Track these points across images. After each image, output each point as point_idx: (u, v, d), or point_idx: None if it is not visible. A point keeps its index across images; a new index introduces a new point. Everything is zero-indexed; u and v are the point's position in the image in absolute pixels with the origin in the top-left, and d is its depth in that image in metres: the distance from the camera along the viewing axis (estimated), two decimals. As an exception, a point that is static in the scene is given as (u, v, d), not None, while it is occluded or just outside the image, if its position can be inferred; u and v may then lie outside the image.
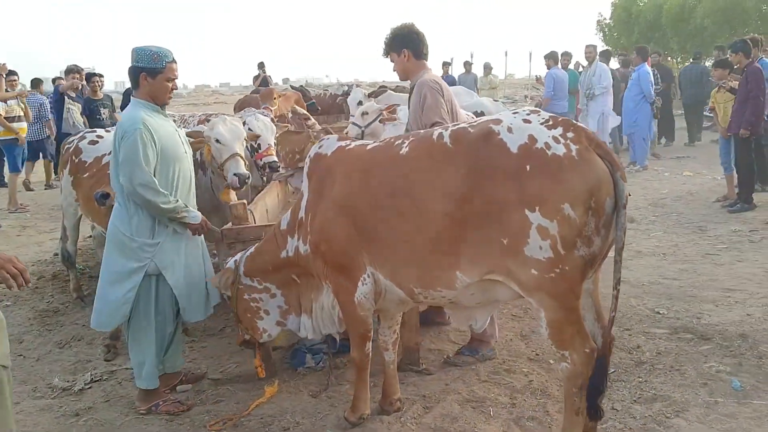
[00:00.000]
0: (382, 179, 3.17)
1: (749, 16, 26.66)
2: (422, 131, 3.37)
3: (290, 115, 6.99)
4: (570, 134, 2.74)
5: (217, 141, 4.70)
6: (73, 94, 10.65)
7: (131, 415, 4.01)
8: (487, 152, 2.83)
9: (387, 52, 4.39)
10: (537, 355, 4.40)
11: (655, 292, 5.52)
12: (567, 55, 12.76)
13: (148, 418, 3.95)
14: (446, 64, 18.66)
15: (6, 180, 11.32)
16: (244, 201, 4.23)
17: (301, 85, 12.71)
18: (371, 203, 3.17)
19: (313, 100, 11.28)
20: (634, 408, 3.65)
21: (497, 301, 3.20)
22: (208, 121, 6.86)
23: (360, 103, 8.42)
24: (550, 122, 2.82)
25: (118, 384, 4.41)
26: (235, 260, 3.88)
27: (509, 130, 2.82)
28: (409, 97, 4.39)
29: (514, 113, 2.96)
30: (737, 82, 8.50)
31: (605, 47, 26.16)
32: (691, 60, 15.52)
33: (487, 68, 17.87)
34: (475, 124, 3.00)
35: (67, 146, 5.96)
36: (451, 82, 17.04)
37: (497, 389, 3.97)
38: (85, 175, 5.61)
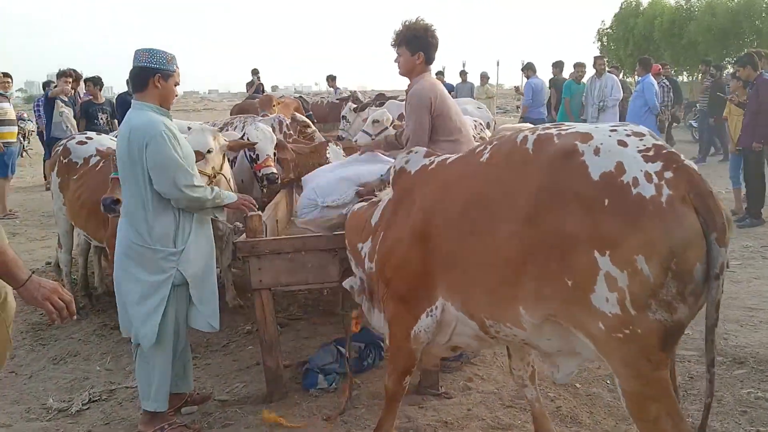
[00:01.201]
0: (460, 194, 2.81)
1: (743, 32, 26.87)
2: (509, 133, 2.96)
3: (289, 121, 6.81)
4: (668, 174, 2.22)
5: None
6: (66, 98, 10.36)
7: (134, 437, 3.78)
8: (564, 173, 2.39)
9: (399, 45, 4.23)
10: (562, 378, 4.19)
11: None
12: (581, 66, 12.59)
13: (152, 442, 3.71)
14: (439, 74, 18.59)
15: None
16: (260, 213, 4.01)
17: (300, 95, 12.53)
18: (448, 222, 2.81)
19: (311, 112, 11.11)
20: (672, 438, 3.45)
21: (580, 355, 2.64)
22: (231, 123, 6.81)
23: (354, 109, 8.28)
24: (652, 152, 2.30)
25: (119, 405, 4.17)
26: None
27: (596, 151, 2.35)
28: (406, 93, 4.31)
29: (613, 129, 2.46)
30: (745, 97, 8.42)
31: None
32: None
33: (484, 78, 17.77)
34: (564, 133, 2.52)
35: (56, 148, 5.89)
36: (449, 89, 16.98)
37: (523, 415, 3.76)
38: (73, 177, 5.46)
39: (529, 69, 13.36)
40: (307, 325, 5.42)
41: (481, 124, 6.32)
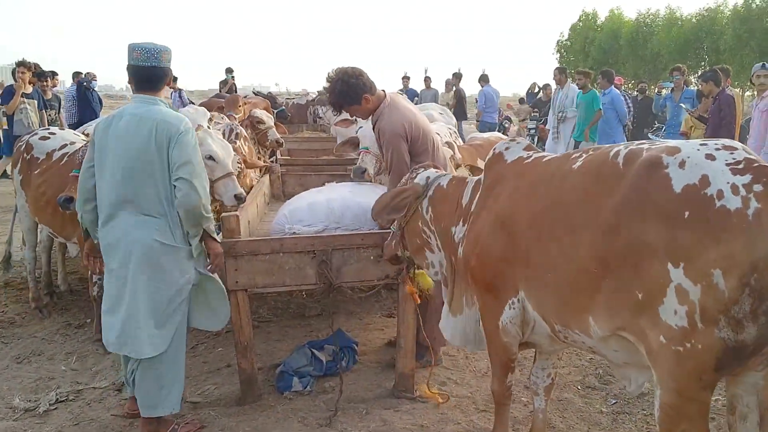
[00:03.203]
0: (546, 194, 2.80)
1: (703, 47, 27.66)
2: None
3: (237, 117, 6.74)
4: (758, 187, 2.15)
5: (210, 158, 4.48)
6: (30, 90, 10.01)
7: (104, 441, 3.70)
8: (646, 184, 2.36)
9: (343, 107, 4.29)
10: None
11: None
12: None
13: (124, 445, 3.65)
14: (406, 78, 18.69)
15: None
16: (237, 214, 3.97)
17: (269, 92, 12.43)
18: (531, 220, 2.81)
19: (283, 107, 11.05)
20: (643, 443, 3.53)
21: (649, 369, 2.50)
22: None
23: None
24: (742, 165, 2.24)
25: (87, 405, 4.07)
26: (428, 177, 3.58)
27: (681, 164, 2.30)
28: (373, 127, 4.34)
29: (703, 144, 2.40)
30: (704, 108, 8.66)
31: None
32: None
33: (449, 84, 17.90)
34: (654, 146, 2.49)
35: (18, 144, 5.75)
36: (413, 95, 17.10)
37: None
38: (35, 172, 5.34)
39: (483, 79, 15.03)
40: (278, 328, 5.38)
41: (455, 131, 6.37)
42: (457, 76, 16.29)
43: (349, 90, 4.13)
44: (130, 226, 3.39)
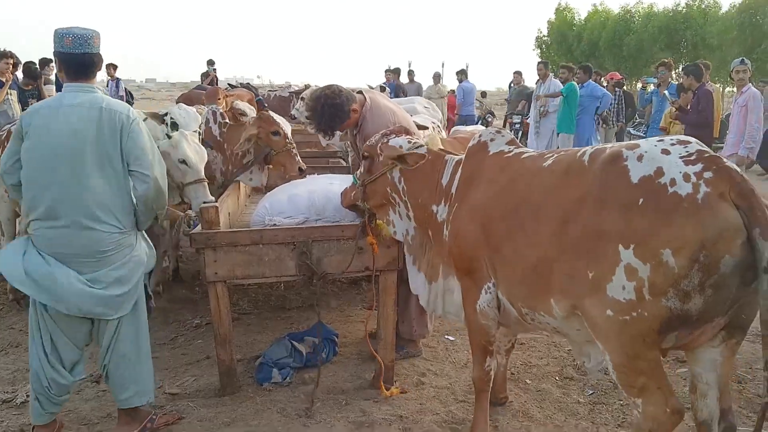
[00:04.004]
0: (518, 190, 3.00)
1: (680, 42, 27.87)
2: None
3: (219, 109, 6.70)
4: (708, 174, 2.36)
5: (183, 162, 4.52)
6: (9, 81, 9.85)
7: (81, 431, 3.68)
8: (606, 177, 2.57)
9: (334, 131, 4.33)
10: (513, 374, 4.28)
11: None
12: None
13: (102, 436, 3.63)
14: (389, 71, 18.62)
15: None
16: (216, 205, 3.95)
17: (248, 83, 12.33)
18: (502, 212, 3.02)
19: (260, 97, 10.98)
20: (619, 432, 3.57)
21: None
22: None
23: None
24: (694, 156, 2.44)
25: (65, 397, 4.04)
26: (401, 146, 3.62)
27: (639, 158, 2.51)
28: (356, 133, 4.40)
29: (660, 140, 2.60)
30: (685, 102, 8.74)
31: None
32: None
33: (437, 78, 17.94)
34: (614, 145, 2.72)
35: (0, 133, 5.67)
36: (395, 88, 17.05)
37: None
38: None
39: (461, 73, 16.00)
40: (258, 320, 5.38)
41: (438, 125, 6.36)
42: (463, 73, 16.31)
43: (337, 110, 4.15)
44: (75, 238, 3.24)
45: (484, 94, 20.01)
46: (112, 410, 3.82)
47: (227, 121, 5.83)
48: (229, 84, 13.36)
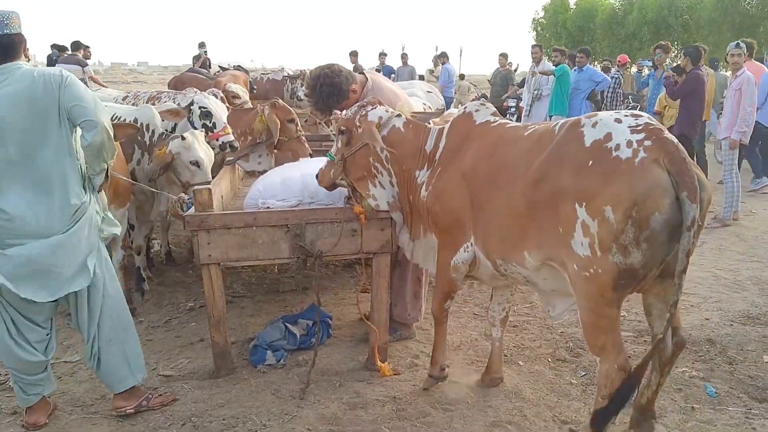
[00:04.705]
0: (500, 155, 3.26)
1: (672, 26, 27.81)
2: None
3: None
4: (648, 143, 2.67)
5: (195, 164, 4.60)
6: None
7: (75, 413, 3.69)
8: (566, 141, 2.89)
9: (333, 107, 4.36)
10: (506, 356, 4.29)
11: (611, 293, 5.52)
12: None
13: (95, 417, 3.64)
14: (383, 55, 18.63)
15: None
16: (210, 187, 3.95)
17: (238, 65, 12.23)
18: (487, 175, 3.28)
19: (250, 80, 10.94)
20: (611, 413, 3.59)
21: (573, 296, 3.02)
22: (159, 98, 6.61)
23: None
24: (641, 127, 2.75)
25: (58, 379, 4.02)
26: (380, 117, 3.75)
27: (594, 125, 2.84)
28: None
29: (616, 113, 2.92)
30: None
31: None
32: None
33: (436, 61, 17.98)
34: (581, 116, 3.02)
35: None
36: (389, 72, 17.06)
37: (469, 391, 3.85)
38: None
39: (443, 56, 16.72)
40: (252, 303, 5.39)
41: (430, 107, 6.35)
42: (445, 56, 16.32)
43: (335, 89, 4.17)
44: (65, 200, 3.24)
45: (462, 76, 20.02)
46: (106, 392, 3.83)
47: (228, 105, 5.86)
48: (220, 66, 13.28)
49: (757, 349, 4.33)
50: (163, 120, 5.19)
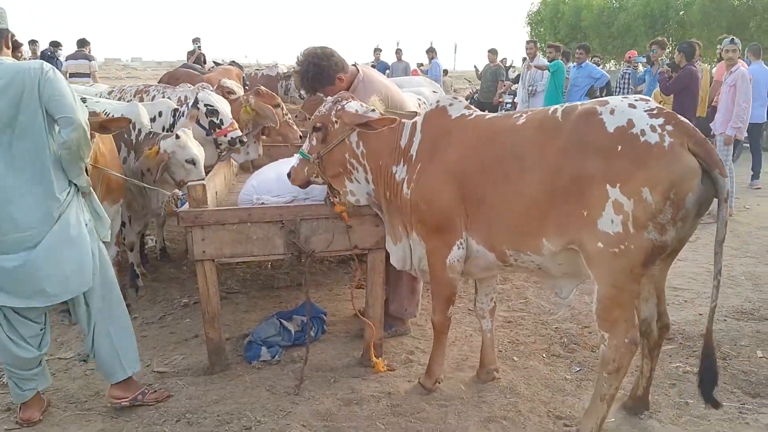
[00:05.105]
0: (495, 145, 3.26)
1: (668, 23, 27.80)
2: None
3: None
4: (669, 127, 2.80)
5: (191, 162, 4.62)
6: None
7: (70, 409, 3.67)
8: (586, 129, 2.94)
9: (317, 90, 4.31)
10: (500, 351, 4.30)
11: (605, 289, 5.53)
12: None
13: (89, 413, 3.62)
14: (378, 51, 18.66)
15: None
16: (204, 183, 3.93)
17: (233, 61, 12.21)
18: (482, 167, 3.26)
19: (243, 75, 10.94)
20: (605, 408, 3.60)
21: (582, 275, 3.23)
22: (147, 92, 6.58)
23: None
24: (655, 111, 2.89)
25: (52, 375, 3.97)
26: (356, 111, 3.65)
27: (612, 111, 2.92)
28: None
29: (624, 98, 3.04)
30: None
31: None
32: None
33: (430, 57, 17.98)
34: (586, 103, 3.11)
35: None
36: (383, 68, 17.08)
37: (463, 387, 3.85)
38: None
39: (432, 51, 17.20)
40: (246, 299, 5.38)
41: (424, 101, 6.33)
42: (433, 51, 16.35)
43: (321, 72, 4.13)
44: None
45: (445, 72, 20.15)
46: (100, 388, 3.83)
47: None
48: (214, 62, 13.25)
49: (750, 345, 4.35)
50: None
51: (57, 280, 3.26)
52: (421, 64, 17.77)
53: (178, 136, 4.66)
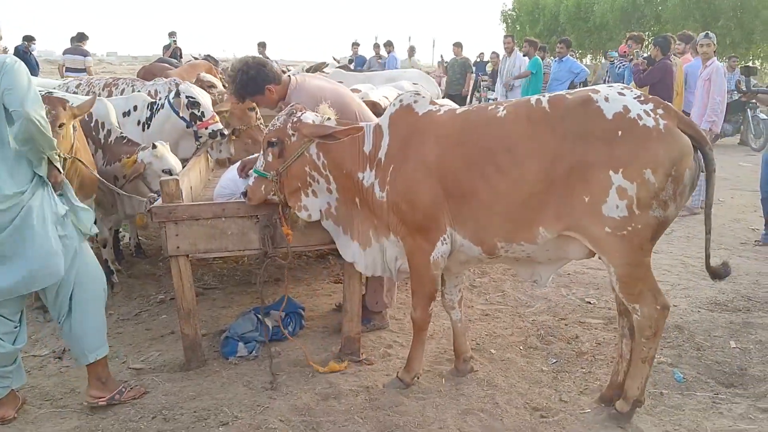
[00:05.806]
0: (479, 139, 3.29)
1: (644, 17, 28.01)
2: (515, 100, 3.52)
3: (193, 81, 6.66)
4: (660, 111, 3.00)
5: (167, 173, 4.61)
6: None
7: (45, 407, 3.63)
8: (585, 117, 3.05)
9: (246, 98, 4.28)
10: (478, 345, 4.32)
11: (582, 281, 5.58)
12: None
13: (65, 411, 3.59)
14: (356, 45, 18.62)
15: None
16: (177, 178, 3.90)
17: (208, 55, 12.06)
18: (466, 162, 3.28)
19: (219, 69, 10.80)
20: (582, 399, 3.62)
21: (565, 259, 3.45)
22: (116, 85, 6.51)
23: None
24: (642, 98, 3.07)
25: (27, 373, 3.90)
26: (313, 121, 3.57)
27: (606, 99, 3.05)
28: None
29: (610, 86, 3.18)
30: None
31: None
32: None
33: (412, 51, 18.01)
34: (573, 92, 3.24)
35: None
36: (362, 62, 17.06)
37: (440, 380, 3.86)
38: None
39: (389, 45, 17.12)
40: (223, 295, 5.35)
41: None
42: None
43: (249, 81, 4.10)
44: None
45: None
46: (75, 385, 3.79)
47: None
48: (192, 56, 13.12)
49: (724, 335, 4.40)
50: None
51: (12, 274, 3.22)
52: (380, 57, 17.75)
53: (155, 146, 4.65)
